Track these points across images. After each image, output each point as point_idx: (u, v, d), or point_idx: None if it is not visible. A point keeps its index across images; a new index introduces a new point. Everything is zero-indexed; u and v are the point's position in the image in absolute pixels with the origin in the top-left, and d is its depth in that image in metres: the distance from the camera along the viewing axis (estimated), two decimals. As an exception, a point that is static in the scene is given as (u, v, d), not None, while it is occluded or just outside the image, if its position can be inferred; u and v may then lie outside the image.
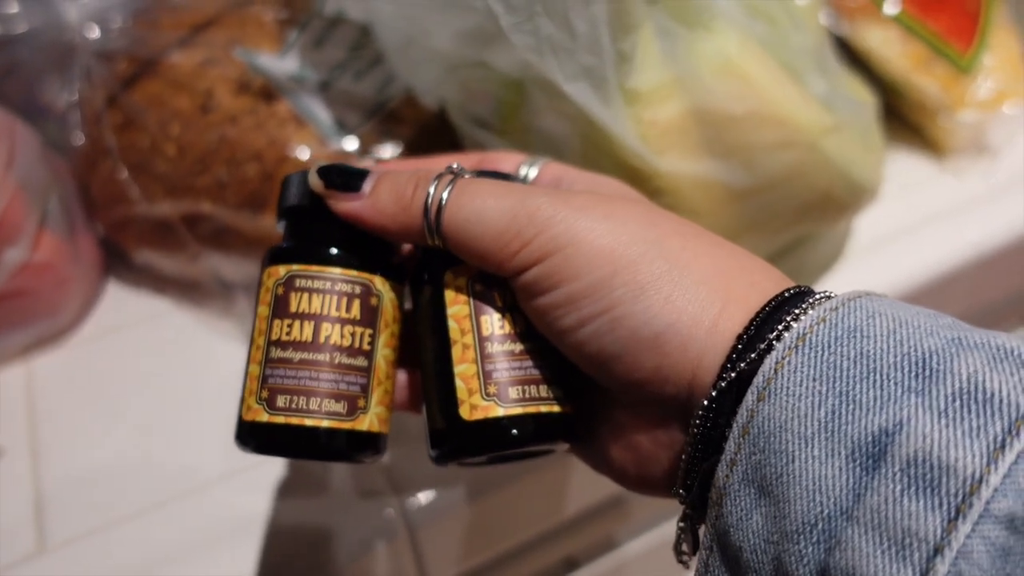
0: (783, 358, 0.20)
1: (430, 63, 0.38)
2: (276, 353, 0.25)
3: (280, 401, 0.25)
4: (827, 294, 0.22)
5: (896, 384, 0.19)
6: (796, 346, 0.20)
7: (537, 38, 0.31)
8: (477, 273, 0.26)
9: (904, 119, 0.59)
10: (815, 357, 0.20)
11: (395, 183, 0.26)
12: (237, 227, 0.44)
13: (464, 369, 0.26)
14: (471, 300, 0.26)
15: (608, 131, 0.33)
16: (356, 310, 0.26)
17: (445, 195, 0.25)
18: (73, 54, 0.46)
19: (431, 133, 0.46)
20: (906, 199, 0.55)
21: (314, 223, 0.27)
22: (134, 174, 0.45)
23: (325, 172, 0.26)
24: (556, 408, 0.26)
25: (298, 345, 0.25)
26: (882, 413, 0.19)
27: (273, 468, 0.41)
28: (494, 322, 0.26)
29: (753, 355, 0.21)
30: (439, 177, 0.26)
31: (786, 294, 0.23)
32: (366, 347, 0.26)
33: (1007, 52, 0.55)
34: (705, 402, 0.22)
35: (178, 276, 0.49)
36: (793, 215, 0.39)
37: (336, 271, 0.26)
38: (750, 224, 0.38)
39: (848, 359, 0.20)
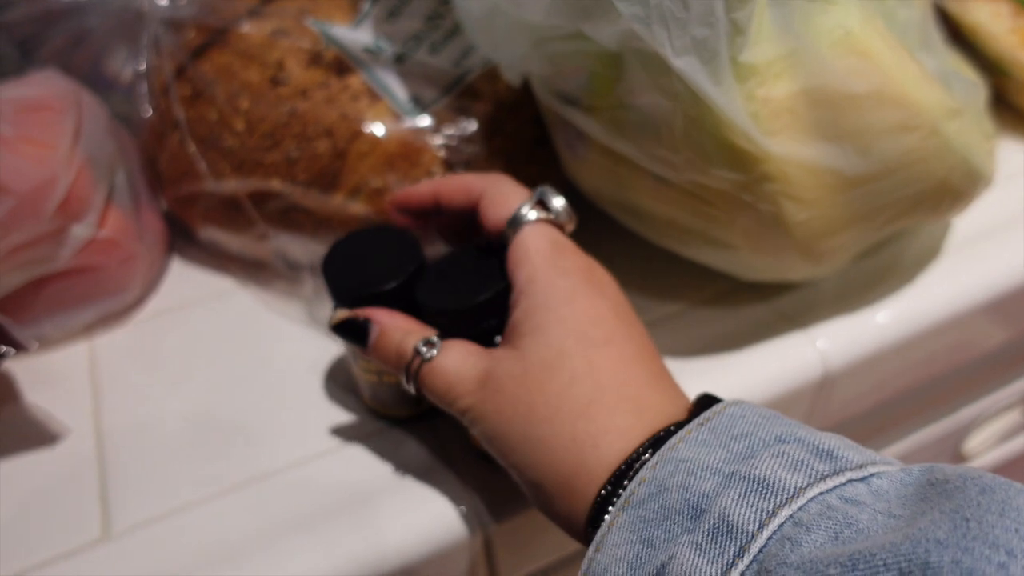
0: (614, 518, 0.26)
1: (516, 35, 0.36)
2: None
3: None
4: (671, 431, 0.28)
5: (677, 526, 0.24)
6: (623, 507, 0.26)
7: (646, 7, 0.28)
8: None
9: (1008, 102, 0.55)
10: (632, 514, 0.26)
11: (387, 343, 0.34)
12: (306, 206, 0.43)
13: None
14: None
15: (717, 110, 0.31)
16: None
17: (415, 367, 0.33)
18: (141, 23, 0.44)
19: (509, 108, 0.43)
20: (1008, 189, 0.51)
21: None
22: (202, 149, 0.43)
23: (338, 330, 0.35)
24: None
25: None
26: (665, 551, 0.24)
27: (347, 454, 0.39)
28: None
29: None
30: (413, 357, 0.33)
31: (640, 451, 0.28)
32: None
33: None
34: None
35: (243, 255, 0.47)
36: (905, 205, 0.36)
37: None
38: (858, 215, 0.35)
39: (652, 511, 0.25)
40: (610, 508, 0.26)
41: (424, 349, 0.32)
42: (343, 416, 0.41)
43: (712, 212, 0.36)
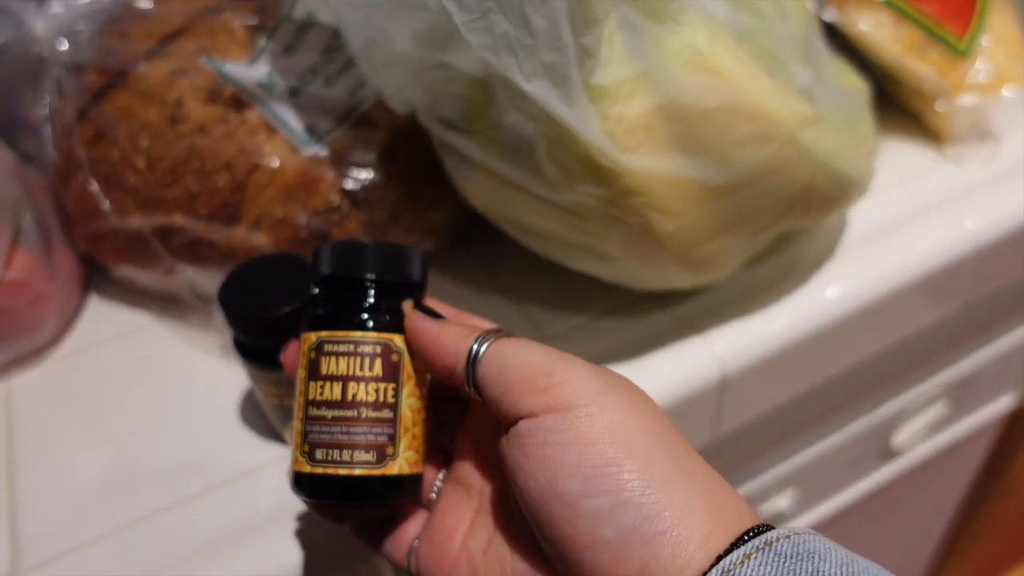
0: (749, 554, 0.22)
1: (395, 65, 0.37)
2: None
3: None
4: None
5: None
6: (762, 548, 0.22)
7: (493, 36, 0.30)
8: (317, 342, 0.29)
9: (901, 106, 0.57)
10: (777, 560, 0.22)
11: (462, 325, 0.29)
12: (210, 239, 0.43)
13: (296, 425, 0.30)
14: (307, 366, 0.29)
15: (572, 130, 0.32)
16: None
17: (490, 341, 0.28)
18: (43, 67, 0.45)
19: (405, 135, 0.45)
20: (904, 189, 0.53)
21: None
22: (105, 188, 0.44)
23: (418, 306, 0.31)
24: (356, 471, 0.29)
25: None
26: None
27: (246, 485, 0.40)
28: (317, 388, 0.29)
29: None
30: (493, 330, 0.29)
31: (762, 527, 0.24)
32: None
33: (1006, 33, 0.53)
34: None
35: (157, 290, 0.48)
36: (774, 212, 0.37)
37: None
38: (728, 222, 0.37)
39: (806, 572, 0.22)
40: None
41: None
42: (251, 442, 0.42)
43: (589, 227, 0.37)
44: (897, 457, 0.69)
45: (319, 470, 0.29)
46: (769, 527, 0.24)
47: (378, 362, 0.29)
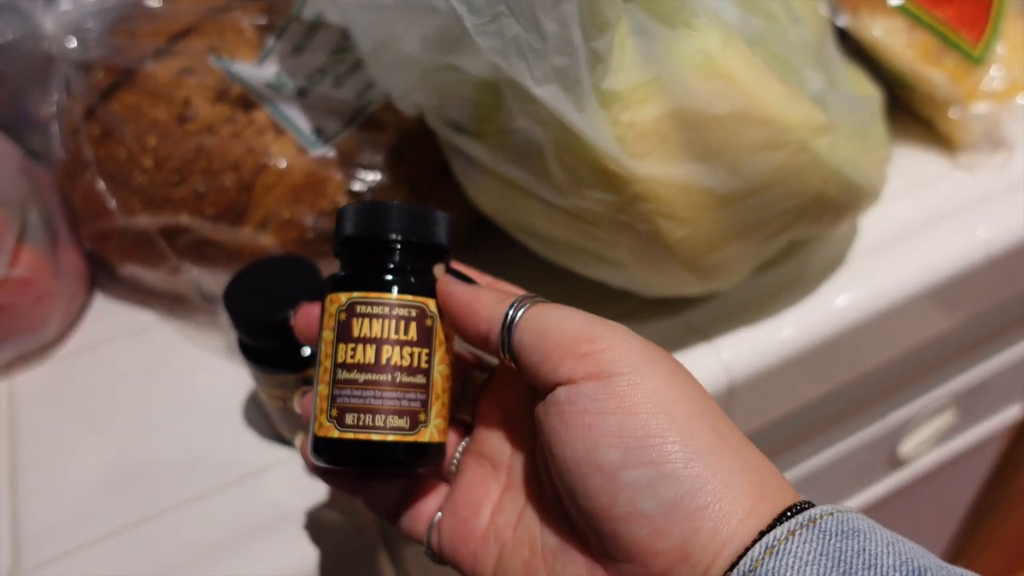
0: (794, 530, 0.22)
1: (404, 67, 0.37)
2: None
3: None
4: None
5: None
6: (807, 525, 0.22)
7: (503, 40, 0.30)
8: (348, 303, 0.28)
9: (913, 113, 0.56)
10: (823, 538, 0.22)
11: (496, 290, 0.28)
12: (216, 239, 0.43)
13: (321, 389, 0.28)
14: (336, 327, 0.28)
15: (582, 135, 0.32)
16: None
17: (526, 307, 0.27)
18: (52, 65, 0.45)
19: (413, 137, 0.44)
20: (916, 197, 0.53)
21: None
22: (112, 186, 0.44)
23: (449, 270, 0.29)
24: (389, 437, 0.28)
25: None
26: None
27: (249, 487, 0.40)
28: (348, 351, 0.28)
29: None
30: (529, 296, 0.27)
31: (805, 504, 0.23)
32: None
33: (1020, 41, 0.53)
34: None
35: (163, 289, 0.48)
36: (785, 219, 0.37)
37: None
38: (738, 230, 0.36)
39: (852, 550, 0.21)
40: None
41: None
42: (255, 444, 0.42)
43: (598, 233, 0.37)
44: (904, 466, 0.69)
45: (349, 435, 0.27)
46: (811, 504, 0.23)
47: (413, 326, 0.28)
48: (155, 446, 0.42)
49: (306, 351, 0.37)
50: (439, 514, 0.30)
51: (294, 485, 0.40)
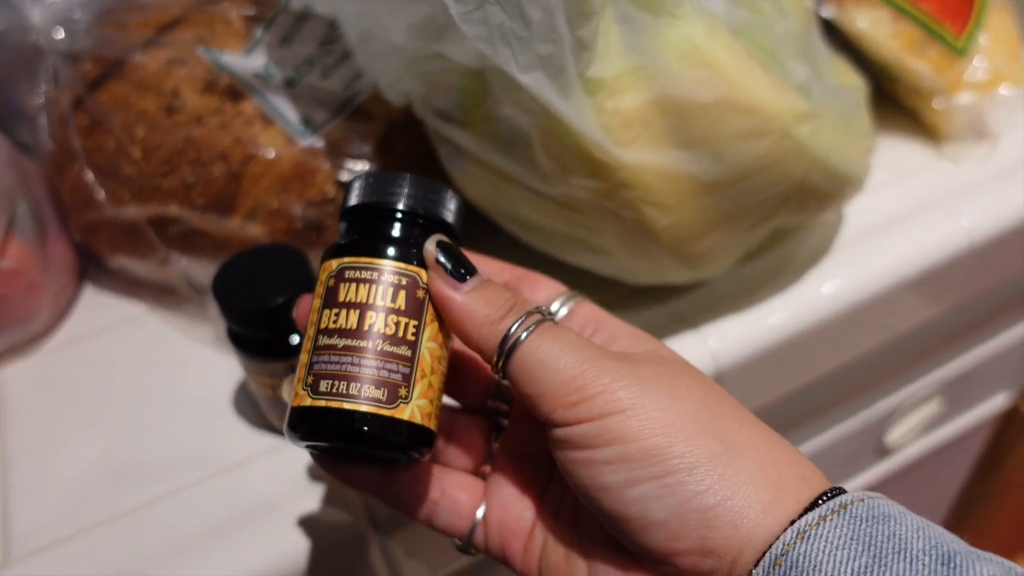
0: (825, 516, 0.23)
1: (390, 57, 0.37)
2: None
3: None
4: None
5: (924, 567, 0.21)
6: (838, 511, 0.23)
7: (488, 27, 0.30)
8: (338, 269, 0.27)
9: (899, 104, 0.57)
10: (854, 523, 0.22)
11: (491, 297, 0.27)
12: (205, 229, 0.43)
13: (302, 357, 0.27)
14: (324, 294, 0.27)
15: (567, 123, 0.32)
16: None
17: (525, 335, 0.26)
18: (39, 56, 0.45)
19: (401, 127, 0.44)
20: (901, 186, 0.53)
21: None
22: (100, 177, 0.44)
23: (444, 247, 0.27)
24: (363, 407, 0.26)
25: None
26: None
27: (239, 477, 0.40)
28: (331, 316, 0.27)
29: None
30: (528, 315, 0.27)
31: (835, 491, 0.24)
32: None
33: (1003, 32, 0.53)
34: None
35: (152, 280, 0.48)
36: (769, 207, 0.37)
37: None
38: (723, 217, 0.37)
39: (883, 535, 0.22)
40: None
41: (546, 309, 0.29)
42: (245, 434, 0.42)
43: (584, 221, 0.37)
44: (891, 454, 0.69)
45: (321, 403, 0.26)
46: (842, 490, 0.24)
47: (402, 294, 0.27)
48: (145, 437, 0.42)
49: (295, 339, 0.37)
50: (482, 509, 0.30)
51: (284, 474, 0.40)
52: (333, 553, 0.38)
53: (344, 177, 0.43)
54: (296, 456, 0.40)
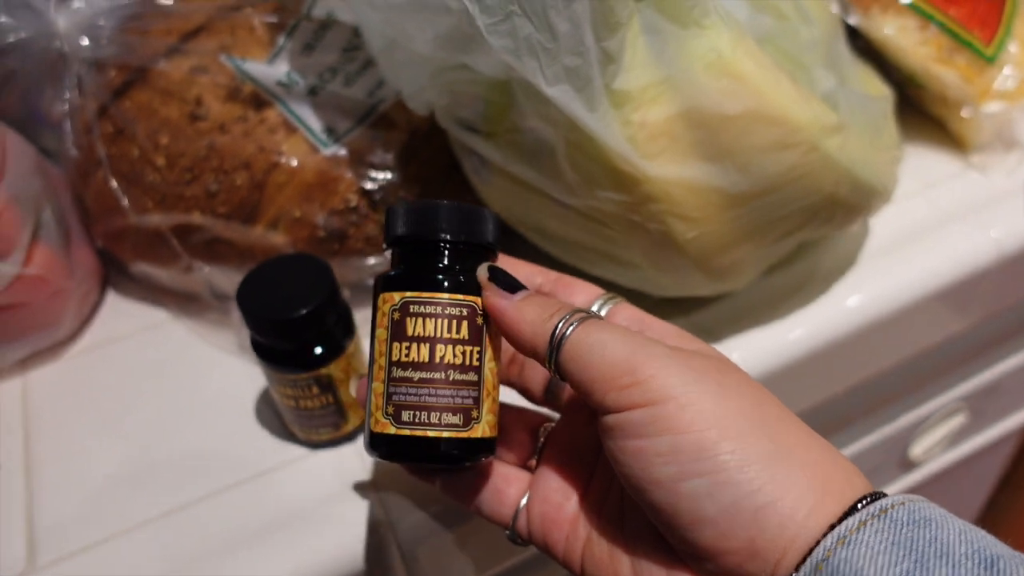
0: (865, 521, 0.23)
1: (415, 66, 0.37)
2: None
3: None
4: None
5: (967, 571, 0.21)
6: (878, 515, 0.23)
7: (515, 39, 0.30)
8: (401, 303, 0.29)
9: (925, 112, 0.56)
10: (894, 527, 0.22)
11: (540, 302, 0.29)
12: (228, 237, 0.43)
13: (376, 386, 0.29)
14: (390, 326, 0.29)
15: (594, 135, 0.32)
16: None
17: (572, 327, 0.27)
18: (64, 63, 0.46)
19: (424, 136, 0.44)
20: (928, 197, 0.52)
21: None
22: (124, 185, 0.44)
23: (494, 271, 0.29)
24: (444, 434, 0.28)
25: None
26: None
27: (261, 486, 0.40)
28: (403, 349, 0.29)
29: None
30: (575, 312, 0.28)
31: (876, 494, 0.24)
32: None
33: (1034, 40, 0.52)
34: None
35: (175, 287, 0.48)
36: (796, 220, 0.37)
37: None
38: (749, 230, 0.36)
39: (924, 540, 0.22)
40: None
41: (592, 309, 0.31)
42: (267, 443, 0.42)
43: (610, 233, 0.37)
44: (916, 468, 0.69)
45: (405, 431, 0.28)
46: (883, 494, 0.24)
47: (464, 324, 0.29)
48: (168, 443, 0.42)
49: (318, 350, 0.37)
50: (525, 499, 0.31)
51: (306, 483, 0.40)
52: (355, 561, 0.38)
53: (367, 186, 0.43)
54: (317, 466, 0.40)
